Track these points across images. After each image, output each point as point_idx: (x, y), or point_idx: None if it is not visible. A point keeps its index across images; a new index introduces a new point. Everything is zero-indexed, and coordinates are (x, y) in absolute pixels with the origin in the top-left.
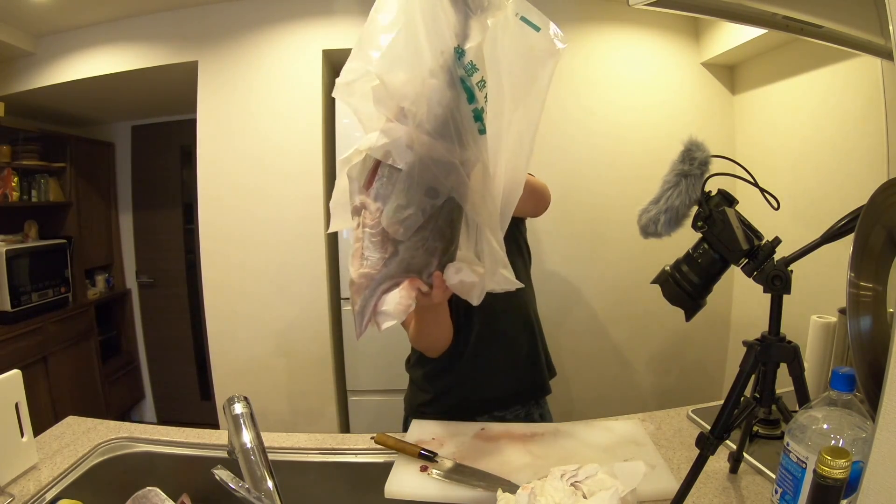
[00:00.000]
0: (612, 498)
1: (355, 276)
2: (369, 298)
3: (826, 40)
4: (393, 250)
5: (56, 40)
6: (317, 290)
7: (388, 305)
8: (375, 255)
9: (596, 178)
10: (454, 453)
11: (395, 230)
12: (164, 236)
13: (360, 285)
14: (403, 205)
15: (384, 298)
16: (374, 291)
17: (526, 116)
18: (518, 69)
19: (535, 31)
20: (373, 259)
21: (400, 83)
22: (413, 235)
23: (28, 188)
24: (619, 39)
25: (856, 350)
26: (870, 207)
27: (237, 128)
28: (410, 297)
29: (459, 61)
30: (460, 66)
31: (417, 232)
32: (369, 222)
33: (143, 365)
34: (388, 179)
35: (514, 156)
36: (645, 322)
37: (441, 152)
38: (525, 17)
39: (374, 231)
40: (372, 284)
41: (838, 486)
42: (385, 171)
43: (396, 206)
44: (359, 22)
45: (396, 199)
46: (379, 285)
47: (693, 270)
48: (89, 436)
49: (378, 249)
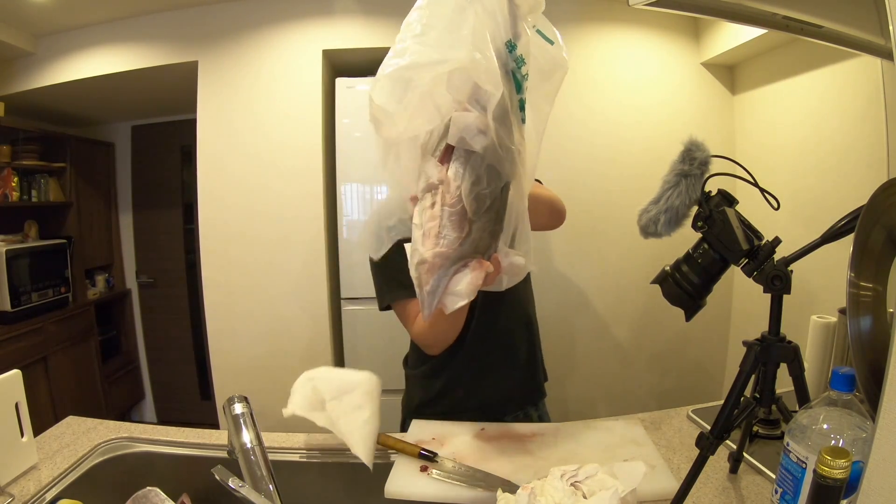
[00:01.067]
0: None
1: (430, 255)
2: (442, 278)
3: (826, 40)
4: (468, 230)
5: (56, 40)
6: (317, 290)
7: (460, 285)
8: (453, 234)
9: (596, 178)
10: (454, 453)
11: (472, 206)
12: (164, 236)
13: (433, 265)
14: (477, 182)
15: (454, 279)
16: (447, 271)
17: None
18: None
19: (549, 45)
20: (450, 238)
21: (479, 69)
22: (482, 216)
23: (28, 188)
24: (619, 39)
25: (856, 350)
26: (870, 207)
27: (237, 128)
28: (480, 278)
29: (511, 54)
30: (512, 58)
31: (486, 213)
32: (449, 200)
33: (143, 365)
34: (465, 160)
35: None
36: (645, 322)
37: (503, 138)
38: (540, 30)
39: (454, 209)
40: (447, 264)
41: (838, 486)
42: (461, 154)
43: (472, 183)
44: (359, 22)
45: (471, 177)
46: (453, 265)
47: (693, 270)
48: (89, 436)
49: (456, 228)
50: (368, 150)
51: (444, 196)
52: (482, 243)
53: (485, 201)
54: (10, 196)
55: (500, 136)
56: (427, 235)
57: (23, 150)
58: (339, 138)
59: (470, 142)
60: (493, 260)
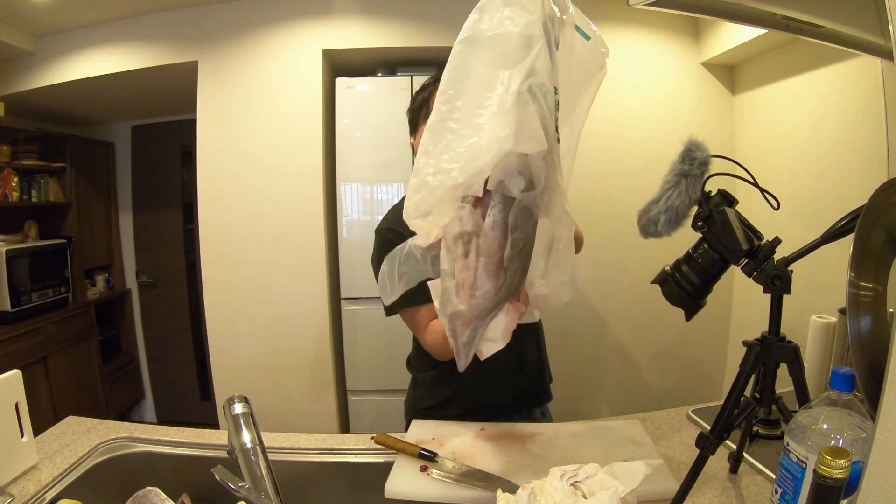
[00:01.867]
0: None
1: (465, 308)
2: (478, 328)
3: (826, 40)
4: (504, 278)
5: (56, 40)
6: (317, 290)
7: (496, 332)
8: (489, 284)
9: (596, 178)
10: (454, 453)
11: (508, 254)
12: (164, 236)
13: (470, 317)
14: (514, 229)
15: (490, 326)
16: (484, 321)
17: (571, 132)
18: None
19: (586, 41)
20: (486, 288)
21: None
22: (515, 259)
23: (28, 188)
24: (619, 39)
25: (856, 350)
26: (870, 207)
27: (237, 128)
28: (515, 321)
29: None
30: (555, 99)
31: (518, 254)
32: (486, 250)
33: (143, 365)
34: (503, 207)
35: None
36: (645, 322)
37: (549, 179)
38: (578, 26)
39: (491, 260)
40: (483, 314)
41: (838, 486)
42: (498, 200)
43: (511, 230)
44: (359, 22)
45: (510, 225)
46: (489, 314)
47: (693, 270)
48: (89, 436)
49: (492, 278)
50: (368, 151)
51: (479, 245)
52: (514, 284)
53: (518, 245)
54: (10, 196)
55: (547, 176)
56: (462, 287)
57: (23, 150)
58: (339, 138)
59: (509, 186)
60: (523, 296)
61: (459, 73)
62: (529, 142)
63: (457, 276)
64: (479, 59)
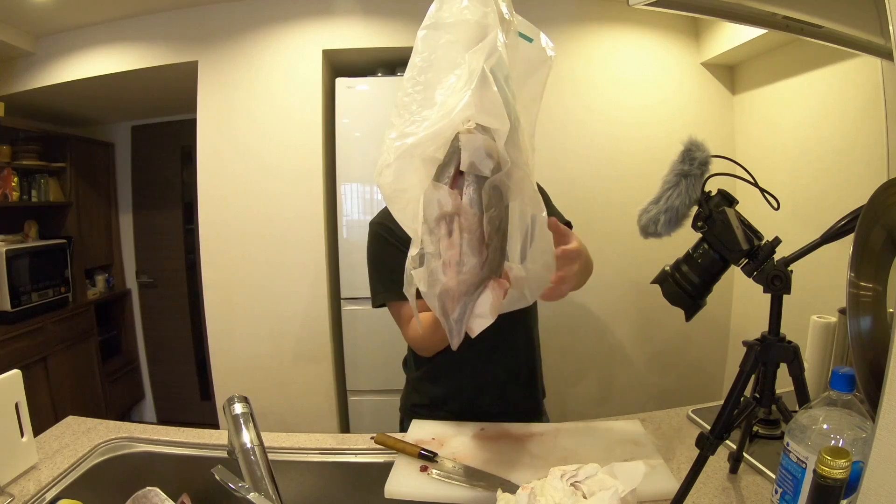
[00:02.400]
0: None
1: (454, 283)
2: (467, 304)
3: (826, 40)
4: (486, 253)
5: (56, 40)
6: (317, 290)
7: (483, 307)
8: (473, 259)
9: (596, 178)
10: (454, 453)
11: (488, 230)
12: (164, 236)
13: (459, 293)
14: (489, 206)
15: (477, 303)
16: (472, 297)
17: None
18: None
19: (529, 43)
20: (471, 264)
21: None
22: (495, 237)
23: (28, 188)
24: (619, 39)
25: (856, 350)
26: (870, 207)
27: (237, 128)
28: (501, 296)
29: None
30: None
31: (497, 233)
32: (468, 227)
33: (143, 365)
34: (477, 185)
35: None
36: (645, 322)
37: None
38: (520, 31)
39: (473, 235)
40: (471, 290)
41: (838, 486)
42: (472, 179)
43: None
44: (359, 22)
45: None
46: (476, 289)
47: (693, 270)
48: (89, 436)
49: (476, 254)
50: (368, 150)
51: (461, 223)
52: (496, 263)
53: (496, 223)
54: (10, 196)
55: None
56: (448, 265)
57: (23, 150)
58: (338, 138)
59: (480, 167)
60: (504, 276)
61: (423, 54)
62: (492, 116)
63: (443, 255)
64: (441, 42)
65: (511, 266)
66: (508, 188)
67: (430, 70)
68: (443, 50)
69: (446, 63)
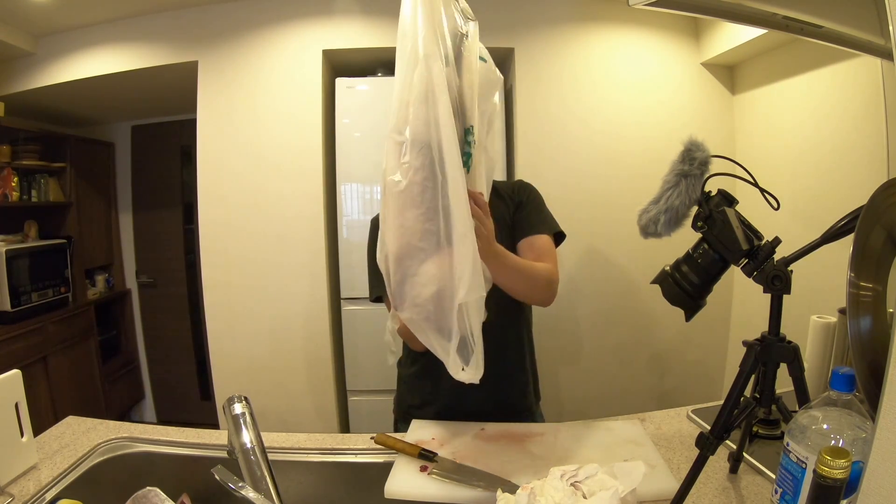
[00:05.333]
0: (612, 498)
1: (395, 248)
2: (409, 269)
3: (826, 40)
4: (427, 224)
5: (56, 40)
6: (317, 290)
7: (426, 277)
8: (417, 226)
9: (596, 178)
10: (454, 453)
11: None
12: (164, 236)
13: (399, 255)
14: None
15: (419, 271)
16: (414, 262)
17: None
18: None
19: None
20: (413, 230)
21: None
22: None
23: (28, 188)
24: (619, 39)
25: (856, 350)
26: (870, 207)
27: (237, 128)
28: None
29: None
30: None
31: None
32: (410, 197)
33: (143, 365)
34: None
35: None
36: (645, 322)
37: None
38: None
39: (414, 203)
40: (412, 254)
41: (838, 486)
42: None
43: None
44: (359, 22)
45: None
46: (418, 259)
47: (693, 270)
48: (89, 436)
49: (419, 221)
50: (368, 150)
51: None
52: (436, 235)
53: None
54: (10, 196)
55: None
56: (392, 229)
57: (23, 150)
58: (338, 138)
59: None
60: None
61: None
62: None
63: (390, 222)
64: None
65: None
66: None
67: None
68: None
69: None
